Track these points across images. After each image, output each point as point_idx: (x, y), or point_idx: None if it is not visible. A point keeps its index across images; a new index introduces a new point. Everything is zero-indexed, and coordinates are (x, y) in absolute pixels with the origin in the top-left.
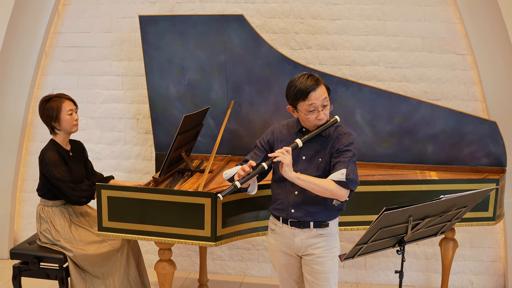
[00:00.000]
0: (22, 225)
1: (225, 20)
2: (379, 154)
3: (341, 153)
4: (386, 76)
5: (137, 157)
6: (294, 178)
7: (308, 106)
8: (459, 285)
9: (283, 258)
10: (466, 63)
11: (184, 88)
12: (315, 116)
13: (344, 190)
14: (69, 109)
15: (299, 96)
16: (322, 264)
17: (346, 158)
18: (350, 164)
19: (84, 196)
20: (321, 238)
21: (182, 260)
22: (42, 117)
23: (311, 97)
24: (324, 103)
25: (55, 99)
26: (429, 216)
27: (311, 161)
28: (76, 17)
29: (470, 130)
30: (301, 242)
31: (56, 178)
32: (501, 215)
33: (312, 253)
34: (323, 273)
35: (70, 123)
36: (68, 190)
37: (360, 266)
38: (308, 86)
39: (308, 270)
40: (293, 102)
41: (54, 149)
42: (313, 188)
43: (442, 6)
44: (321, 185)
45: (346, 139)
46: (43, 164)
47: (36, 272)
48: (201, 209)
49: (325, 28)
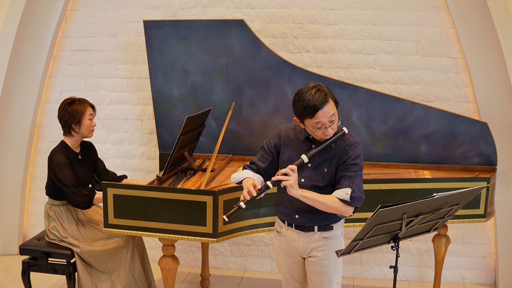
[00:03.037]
0: (31, 222)
1: (226, 25)
2: (374, 153)
3: (348, 166)
4: (381, 79)
5: (142, 156)
6: (299, 196)
7: (315, 124)
8: (452, 279)
9: (287, 261)
10: (458, 66)
11: (187, 90)
12: (322, 132)
13: (348, 207)
14: (90, 113)
15: (306, 113)
16: (326, 266)
17: (352, 173)
18: (356, 179)
19: (83, 200)
20: (326, 241)
21: (185, 255)
22: (62, 118)
23: (318, 115)
24: (332, 119)
25: (79, 103)
26: (422, 213)
27: (316, 169)
28: (83, 22)
29: (462, 131)
30: (306, 245)
31: (59, 180)
32: (492, 212)
33: (316, 255)
34: (326, 274)
35: (89, 128)
36: (69, 194)
37: (356, 261)
38: (315, 103)
39: (311, 271)
40: (300, 117)
41: (63, 151)
42: (318, 206)
43: (435, 12)
44: (325, 203)
45: (353, 151)
46: (50, 165)
47: (44, 267)
48: (203, 207)
49: (323, 32)
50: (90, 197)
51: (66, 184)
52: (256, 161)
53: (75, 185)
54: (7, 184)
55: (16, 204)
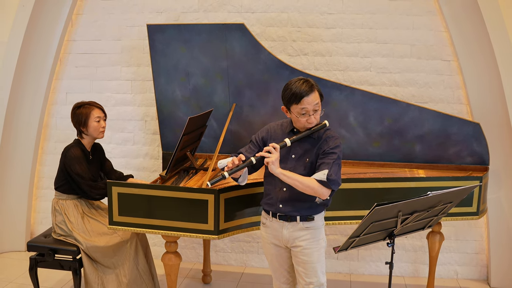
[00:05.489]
0: (38, 219)
1: (227, 28)
2: (370, 153)
3: (327, 154)
4: (377, 81)
5: (145, 156)
6: (279, 174)
7: (300, 109)
8: (445, 275)
9: (273, 249)
10: (451, 68)
11: (189, 92)
12: (305, 119)
13: (325, 189)
14: (97, 116)
15: (292, 99)
16: (309, 255)
17: (331, 160)
18: (334, 166)
19: (100, 193)
20: (307, 231)
21: (187, 252)
22: (72, 121)
23: (303, 101)
24: (316, 108)
25: (85, 106)
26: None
27: (299, 160)
28: (88, 26)
29: (455, 131)
30: (289, 234)
31: (77, 173)
32: (484, 210)
33: (299, 245)
34: (310, 263)
35: (97, 130)
36: (87, 187)
37: (353, 257)
38: (302, 91)
39: (296, 260)
40: (287, 104)
41: (78, 146)
42: (297, 185)
43: (429, 16)
44: (303, 182)
45: (333, 142)
46: (67, 159)
47: (51, 263)
48: (205, 205)
49: (321, 36)
50: (106, 189)
51: (84, 177)
52: (243, 151)
53: (92, 179)
54: (15, 183)
55: (24, 202)
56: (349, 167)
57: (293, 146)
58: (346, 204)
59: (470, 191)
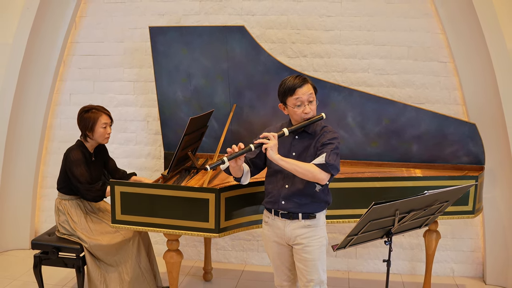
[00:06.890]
0: (42, 218)
1: (227, 31)
2: (368, 153)
3: (325, 145)
4: (375, 82)
5: (147, 156)
6: (278, 160)
7: (295, 100)
8: (442, 273)
9: (275, 247)
10: (448, 70)
11: (190, 93)
12: (301, 110)
13: (324, 173)
14: (104, 122)
15: (287, 92)
16: (310, 252)
17: (329, 149)
18: (332, 154)
19: (97, 195)
20: (309, 228)
21: (189, 250)
22: (78, 124)
23: (297, 92)
24: (310, 99)
25: (93, 111)
26: (414, 210)
27: (299, 157)
28: (91, 28)
29: (452, 131)
30: (291, 232)
31: (75, 177)
32: (480, 209)
33: (301, 242)
34: (311, 260)
35: (103, 136)
36: (83, 190)
37: (351, 255)
38: (295, 83)
39: (298, 258)
40: (283, 98)
41: (79, 149)
42: (296, 170)
43: (426, 18)
44: (303, 167)
45: (331, 135)
46: (67, 161)
47: (55, 261)
48: (206, 204)
49: (319, 38)
50: (102, 191)
51: (81, 181)
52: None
53: (89, 182)
54: (20, 182)
55: (28, 201)
56: (347, 166)
57: (293, 144)
58: (345, 203)
59: (466, 190)
